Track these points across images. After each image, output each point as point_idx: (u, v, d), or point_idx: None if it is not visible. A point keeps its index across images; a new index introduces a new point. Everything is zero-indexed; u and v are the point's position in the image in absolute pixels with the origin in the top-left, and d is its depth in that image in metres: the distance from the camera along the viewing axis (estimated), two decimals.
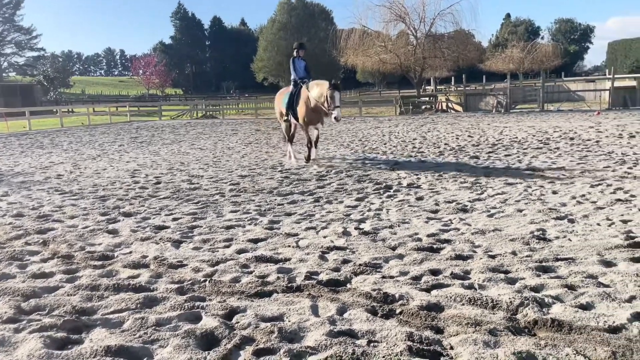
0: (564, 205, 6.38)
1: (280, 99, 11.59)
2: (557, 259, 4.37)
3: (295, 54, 11.10)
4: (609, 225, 5.36)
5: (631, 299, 3.49)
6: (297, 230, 5.60)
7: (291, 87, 11.01)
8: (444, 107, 30.91)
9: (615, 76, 28.94)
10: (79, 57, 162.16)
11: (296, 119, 10.86)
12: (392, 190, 7.67)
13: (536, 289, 3.75)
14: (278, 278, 4.10)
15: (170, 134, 21.30)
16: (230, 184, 8.62)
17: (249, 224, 5.93)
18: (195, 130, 22.73)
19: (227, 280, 4.11)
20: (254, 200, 7.26)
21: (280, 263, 4.53)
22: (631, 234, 4.98)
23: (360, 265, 4.38)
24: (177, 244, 5.21)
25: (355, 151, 12.79)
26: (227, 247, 5.08)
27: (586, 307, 3.41)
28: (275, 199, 7.30)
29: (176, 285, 4.00)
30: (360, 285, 3.93)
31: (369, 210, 6.52)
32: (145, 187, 8.62)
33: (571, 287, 3.74)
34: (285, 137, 11.79)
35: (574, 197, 6.72)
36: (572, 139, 13.58)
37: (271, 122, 27.44)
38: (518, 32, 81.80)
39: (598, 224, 5.43)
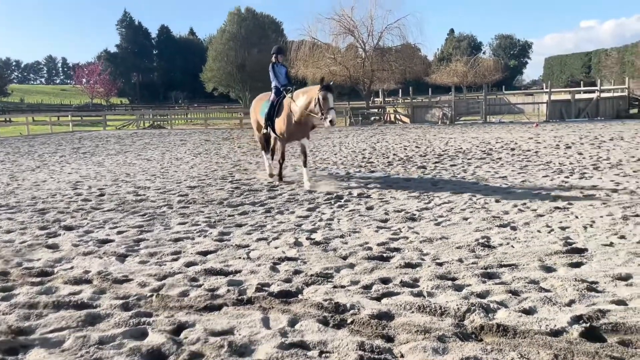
0: (506, 213, 6.62)
1: (259, 107, 10.21)
2: (501, 266, 4.52)
3: (274, 59, 9.82)
4: (549, 232, 5.60)
5: (571, 302, 3.65)
6: (248, 242, 5.53)
7: (272, 94, 9.67)
8: (392, 119, 31.54)
9: (552, 90, 30.47)
10: (18, 64, 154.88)
11: (274, 131, 9.63)
12: (342, 200, 7.73)
13: (482, 295, 3.86)
14: (228, 291, 4.03)
15: (116, 144, 20.66)
16: (179, 195, 8.43)
17: (198, 236, 5.81)
18: (142, 141, 22.15)
19: (175, 294, 4.00)
20: (203, 212, 7.13)
21: (231, 275, 4.45)
22: (569, 240, 5.22)
23: (311, 275, 4.36)
24: (122, 258, 5.03)
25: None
26: (175, 260, 4.95)
27: (529, 311, 3.53)
28: (226, 210, 7.19)
29: (121, 301, 3.86)
30: (312, 296, 3.92)
31: (321, 220, 6.53)
32: (89, 199, 8.30)
33: (515, 293, 3.86)
34: (262, 146, 10.62)
35: (515, 206, 6.98)
36: (513, 149, 14.15)
37: (221, 132, 27.12)
38: (461, 47, 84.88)
39: (538, 231, 5.66)
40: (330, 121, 8.48)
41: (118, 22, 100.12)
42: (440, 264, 4.61)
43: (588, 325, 3.23)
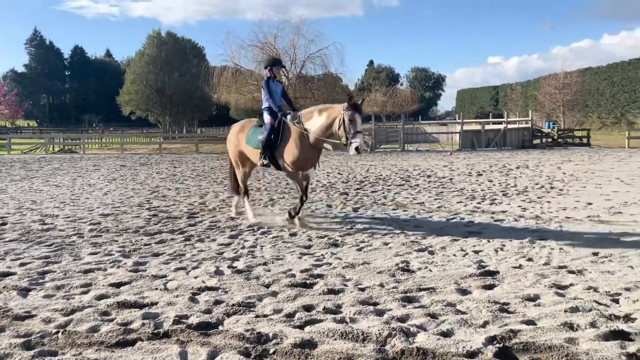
0: (424, 237, 6.84)
1: (243, 135, 8.22)
2: (420, 289, 4.63)
3: (268, 73, 8.04)
4: (464, 256, 5.84)
5: (485, 324, 3.79)
6: (166, 272, 5.30)
7: (266, 118, 7.75)
8: None
9: (464, 120, 32.34)
10: None
11: (275, 162, 7.70)
12: (266, 227, 7.64)
13: (402, 319, 3.92)
14: (143, 324, 3.81)
15: (21, 169, 19.26)
16: (90, 224, 7.95)
17: (111, 267, 5.48)
18: (51, 166, 20.82)
19: (83, 330, 3.72)
20: (117, 241, 6.76)
21: (146, 308, 4.22)
22: (482, 264, 5.48)
23: (233, 305, 4.24)
24: (24, 292, 4.62)
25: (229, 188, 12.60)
26: (85, 293, 4.62)
27: (447, 334, 3.63)
28: (142, 239, 6.87)
29: (22, 340, 3.52)
30: (233, 327, 3.80)
31: (243, 247, 6.40)
32: None
33: (433, 316, 3.96)
34: (241, 186, 8.62)
35: (432, 230, 7.25)
36: (429, 176, 14.77)
37: (139, 157, 26.12)
38: (380, 78, 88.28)
39: (454, 255, 5.89)
40: (357, 148, 7.03)
41: (27, 40, 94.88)
42: (363, 289, 4.65)
43: (501, 345, 3.37)
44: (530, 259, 5.64)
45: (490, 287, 4.72)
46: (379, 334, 3.58)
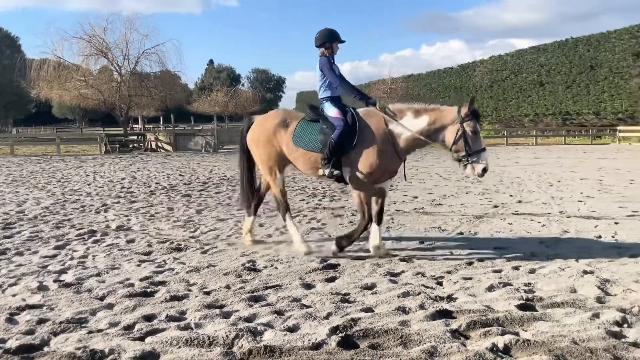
0: (269, 236, 6.92)
1: (288, 133, 6.06)
2: (267, 287, 4.66)
3: (325, 52, 5.94)
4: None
5: (328, 315, 3.94)
6: None
7: (331, 110, 5.82)
8: (154, 147, 30.44)
9: None
10: None
11: (336, 173, 5.74)
12: (98, 235, 7.03)
13: (249, 319, 3.90)
14: None
15: None
16: None
17: None
18: None
19: None
20: None
21: None
22: (324, 258, 5.70)
23: (61, 322, 3.81)
24: None
25: (53, 193, 11.36)
26: None
27: (293, 329, 3.69)
28: None
29: None
30: (62, 346, 3.41)
31: (72, 258, 5.80)
32: None
33: (280, 313, 4.01)
34: (281, 201, 6.49)
35: (277, 229, 7.35)
36: None
37: None
38: (221, 78, 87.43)
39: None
40: (484, 169, 5.42)
41: None
42: (208, 293, 4.52)
43: (343, 334, 3.53)
44: (367, 250, 6.01)
45: (332, 279, 4.93)
46: (226, 336, 3.50)
